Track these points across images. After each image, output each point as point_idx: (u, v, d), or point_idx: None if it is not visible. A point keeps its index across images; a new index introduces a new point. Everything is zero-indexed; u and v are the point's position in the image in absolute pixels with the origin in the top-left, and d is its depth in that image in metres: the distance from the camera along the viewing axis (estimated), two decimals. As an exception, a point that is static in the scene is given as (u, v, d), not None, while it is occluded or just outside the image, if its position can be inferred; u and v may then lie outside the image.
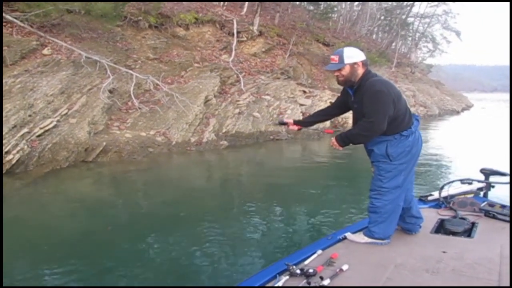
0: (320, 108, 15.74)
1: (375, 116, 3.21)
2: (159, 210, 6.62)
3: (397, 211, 3.48)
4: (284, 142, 13.97)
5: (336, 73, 3.40)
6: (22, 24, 11.33)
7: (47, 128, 9.23)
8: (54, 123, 9.48)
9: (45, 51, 11.29)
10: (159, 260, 4.70)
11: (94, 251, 4.92)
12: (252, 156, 11.94)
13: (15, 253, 4.55)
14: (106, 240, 5.28)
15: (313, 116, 4.00)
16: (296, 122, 3.94)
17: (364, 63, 3.36)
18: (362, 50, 3.52)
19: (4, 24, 11.02)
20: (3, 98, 8.96)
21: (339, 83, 3.47)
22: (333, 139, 3.45)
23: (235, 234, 5.55)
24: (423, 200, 4.60)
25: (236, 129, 13.27)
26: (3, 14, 10.80)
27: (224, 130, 12.96)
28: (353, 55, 3.33)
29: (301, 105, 16.74)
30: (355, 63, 3.32)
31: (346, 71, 3.34)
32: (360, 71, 3.35)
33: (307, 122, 4.01)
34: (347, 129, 3.50)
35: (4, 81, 9.47)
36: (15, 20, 11.18)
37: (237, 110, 14.14)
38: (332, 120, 16.31)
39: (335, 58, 3.36)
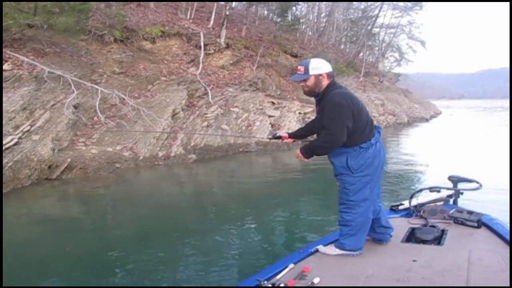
0: (289, 119, 15.78)
1: (333, 128, 3.28)
2: (126, 227, 6.49)
3: (367, 223, 3.52)
4: (254, 154, 13.97)
5: (302, 83, 3.48)
6: (-20, 40, 11.03)
7: (8, 145, 8.93)
8: (16, 140, 9.18)
9: (6, 66, 10.97)
10: (125, 279, 4.60)
11: (58, 271, 4.79)
12: (222, 169, 11.87)
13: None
14: (71, 262, 5.12)
15: (304, 128, 4.01)
16: (290, 135, 4.00)
17: (329, 75, 3.43)
18: (329, 60, 3.56)
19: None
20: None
21: (304, 93, 3.55)
22: (298, 151, 3.51)
23: (206, 250, 5.47)
24: (394, 209, 4.65)
25: (204, 142, 13.18)
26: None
27: (192, 144, 12.85)
28: (318, 67, 3.40)
29: (270, 116, 16.81)
30: (320, 75, 3.40)
31: (310, 82, 3.42)
32: (325, 82, 3.42)
33: (300, 135, 4.02)
34: (310, 141, 3.55)
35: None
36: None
37: (205, 123, 14.09)
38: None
39: (301, 68, 3.43)
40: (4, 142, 8.91)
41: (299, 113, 18.32)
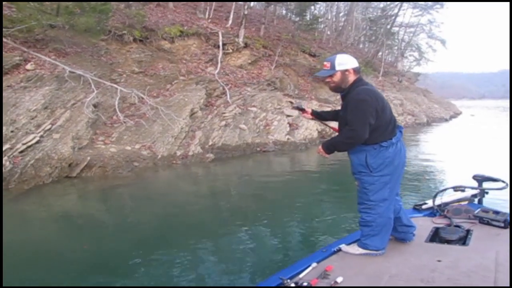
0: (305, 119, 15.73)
1: (355, 125, 3.24)
2: (144, 226, 6.52)
3: (389, 224, 3.49)
4: (272, 154, 13.94)
5: (328, 79, 3.45)
6: (5, 40, 11.23)
7: (30, 144, 9.13)
8: (37, 138, 9.38)
9: (28, 66, 11.21)
10: (144, 279, 4.61)
11: (77, 269, 4.83)
12: (240, 168, 11.87)
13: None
14: (89, 259, 5.18)
15: (329, 112, 4.01)
16: (313, 113, 3.99)
17: (355, 70, 3.40)
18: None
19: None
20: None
21: (330, 89, 3.53)
22: (320, 147, 3.50)
23: (226, 249, 5.48)
24: (417, 208, 4.60)
25: (222, 142, 13.23)
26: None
27: (210, 143, 12.91)
28: (344, 62, 3.38)
29: (288, 116, 16.75)
30: (346, 70, 3.37)
31: (337, 77, 3.39)
32: (351, 78, 3.39)
33: (321, 116, 4.02)
34: (332, 136, 3.55)
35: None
36: (-3, 36, 11.10)
37: (223, 123, 14.12)
38: (320, 130, 16.39)
39: (327, 64, 3.41)
40: (26, 140, 9.11)
41: (317, 112, 18.23)
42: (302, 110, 4.01)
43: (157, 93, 14.22)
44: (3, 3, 11.93)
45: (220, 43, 18.28)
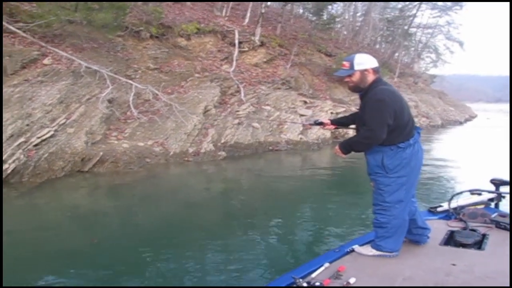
0: (321, 119, 15.77)
1: (373, 125, 3.23)
2: (154, 223, 6.57)
3: (404, 225, 3.46)
4: (284, 153, 13.94)
5: (346, 79, 3.44)
6: (24, 35, 11.40)
7: (44, 137, 9.26)
8: (52, 132, 9.50)
9: (46, 61, 11.34)
10: (153, 276, 4.64)
11: (87, 263, 4.90)
12: (251, 167, 11.88)
13: (7, 264, 4.51)
14: (99, 253, 5.24)
15: (347, 117, 3.98)
16: (333, 122, 4.02)
17: (375, 70, 3.39)
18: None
19: (7, 34, 11.10)
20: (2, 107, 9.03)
21: (349, 88, 3.51)
22: (337, 147, 3.50)
23: (238, 248, 5.47)
24: (432, 211, 4.55)
25: (235, 140, 13.26)
26: (7, 26, 10.92)
27: (222, 141, 12.95)
28: (363, 62, 3.36)
29: (302, 115, 16.74)
30: (365, 70, 3.35)
31: (356, 77, 3.38)
32: (371, 78, 3.37)
33: (342, 123, 4.02)
34: (350, 136, 3.54)
35: (3, 90, 9.50)
36: (17, 31, 11.26)
37: (236, 121, 14.15)
38: (333, 131, 16.34)
39: (346, 64, 3.40)
40: (40, 134, 9.24)
41: (331, 112, 18.18)
42: (321, 124, 4.02)
43: (172, 89, 14.29)
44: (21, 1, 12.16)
45: (236, 41, 18.31)
